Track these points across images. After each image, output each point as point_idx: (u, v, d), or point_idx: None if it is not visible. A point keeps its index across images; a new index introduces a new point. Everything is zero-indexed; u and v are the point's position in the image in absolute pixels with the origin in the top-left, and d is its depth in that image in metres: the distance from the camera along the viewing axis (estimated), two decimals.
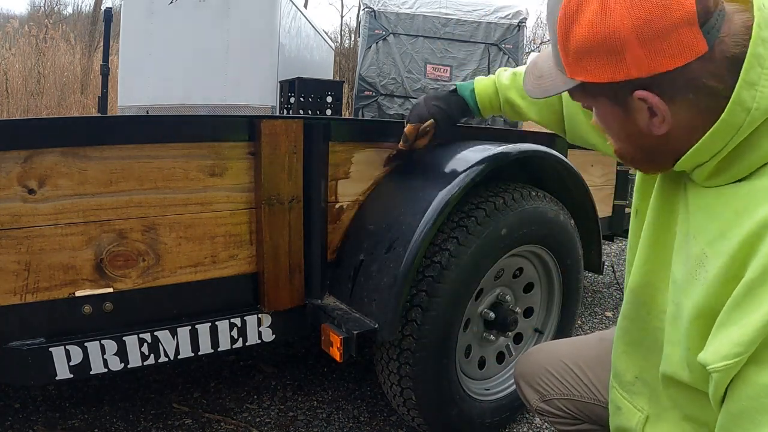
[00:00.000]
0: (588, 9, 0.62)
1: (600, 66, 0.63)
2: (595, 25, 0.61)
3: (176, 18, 5.79)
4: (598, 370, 1.05)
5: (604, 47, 0.62)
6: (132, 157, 1.13)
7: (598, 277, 3.50)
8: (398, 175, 1.49)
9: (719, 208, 0.66)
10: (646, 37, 0.59)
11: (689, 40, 0.59)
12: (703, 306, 0.65)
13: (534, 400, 1.12)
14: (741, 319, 0.59)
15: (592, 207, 1.80)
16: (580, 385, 1.06)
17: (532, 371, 1.13)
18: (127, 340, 1.16)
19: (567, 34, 0.65)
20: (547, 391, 1.10)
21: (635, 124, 0.68)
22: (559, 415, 1.09)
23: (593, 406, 1.05)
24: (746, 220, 0.61)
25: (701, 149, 0.65)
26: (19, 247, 1.04)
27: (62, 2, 21.97)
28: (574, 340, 1.22)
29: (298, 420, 1.73)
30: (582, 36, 0.63)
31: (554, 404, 1.09)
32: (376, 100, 7.01)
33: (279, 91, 5.77)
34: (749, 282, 0.58)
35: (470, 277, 1.42)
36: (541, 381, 1.11)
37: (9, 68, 9.74)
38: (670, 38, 0.59)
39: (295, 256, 1.33)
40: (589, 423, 1.08)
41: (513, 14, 6.96)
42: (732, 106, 0.61)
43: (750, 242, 0.60)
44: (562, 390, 1.08)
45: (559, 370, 1.09)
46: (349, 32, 21.86)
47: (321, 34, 8.85)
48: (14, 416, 1.67)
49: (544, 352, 1.16)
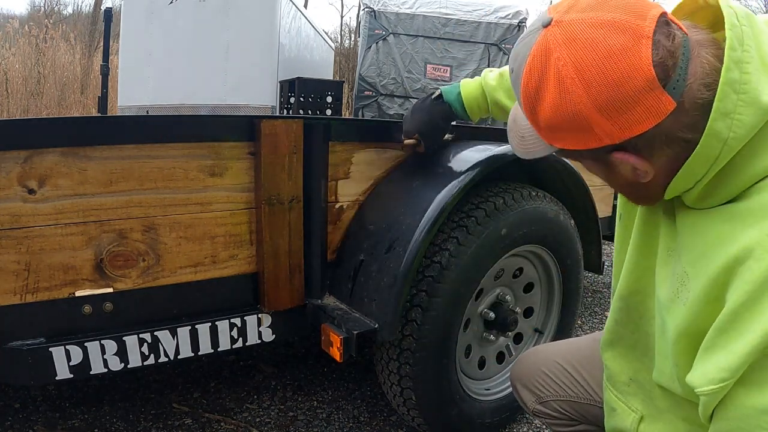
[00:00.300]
0: (547, 91, 0.61)
1: (572, 138, 0.64)
2: (557, 106, 0.61)
3: (176, 18, 5.79)
4: (593, 370, 1.05)
5: (571, 125, 0.62)
6: (132, 157, 1.13)
7: (598, 277, 3.50)
8: (398, 175, 1.49)
9: (704, 229, 0.65)
10: (610, 112, 0.59)
11: (655, 103, 0.58)
12: (686, 327, 0.65)
13: (531, 402, 1.12)
14: (727, 345, 0.59)
15: (592, 207, 1.80)
16: (575, 386, 1.06)
17: (527, 373, 1.13)
18: (127, 340, 1.16)
19: (534, 114, 0.65)
20: (543, 393, 1.09)
21: (621, 176, 0.68)
22: (556, 417, 1.09)
23: (589, 407, 1.05)
24: (730, 243, 0.60)
25: (680, 180, 0.65)
26: (19, 247, 1.04)
27: (62, 2, 21.96)
28: (569, 341, 1.22)
29: (298, 420, 1.73)
30: (548, 116, 0.63)
31: (551, 406, 1.09)
32: (376, 100, 7.01)
33: (279, 91, 5.77)
34: (734, 308, 0.58)
35: (470, 277, 1.42)
36: (536, 383, 1.10)
37: (9, 68, 9.74)
38: (636, 108, 0.58)
39: (295, 256, 1.33)
40: (586, 423, 1.08)
41: (513, 14, 6.96)
42: (706, 139, 0.59)
43: (731, 266, 0.59)
44: (558, 391, 1.08)
45: (555, 372, 1.09)
46: (349, 32, 21.87)
47: (321, 34, 8.85)
48: (14, 416, 1.67)
49: (538, 354, 1.16)
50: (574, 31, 0.59)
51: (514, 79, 0.68)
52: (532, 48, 0.63)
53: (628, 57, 0.57)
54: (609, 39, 0.57)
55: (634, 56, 0.57)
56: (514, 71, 0.67)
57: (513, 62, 0.67)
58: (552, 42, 0.61)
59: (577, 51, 0.59)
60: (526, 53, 0.64)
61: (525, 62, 0.64)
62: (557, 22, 0.61)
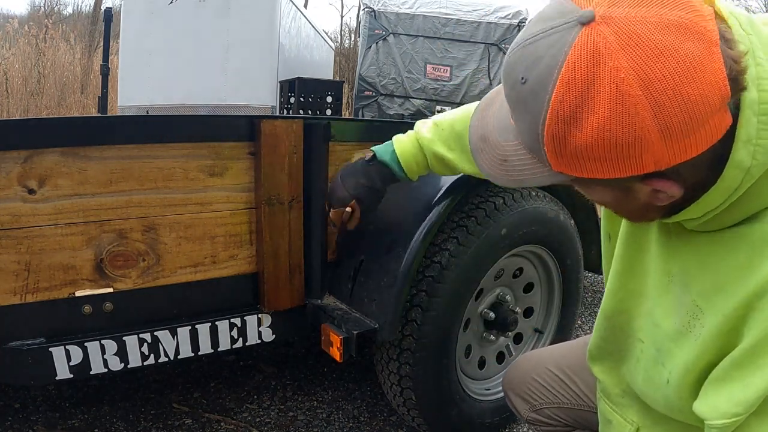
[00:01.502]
0: (595, 112, 0.49)
1: (607, 167, 0.52)
2: (608, 131, 0.49)
3: (176, 18, 5.78)
4: (585, 375, 1.02)
5: (618, 153, 0.50)
6: (132, 157, 1.13)
7: (598, 277, 3.49)
8: None
9: (714, 258, 0.61)
10: (674, 136, 0.49)
11: (718, 123, 0.50)
12: (697, 361, 0.63)
13: (524, 411, 1.10)
14: (744, 378, 0.57)
15: (592, 207, 1.80)
16: (568, 392, 1.05)
17: (519, 381, 1.11)
18: (127, 340, 1.16)
19: (562, 139, 0.52)
20: (536, 401, 1.08)
21: (635, 200, 0.59)
22: (550, 424, 1.08)
23: (583, 412, 1.04)
24: (748, 276, 0.56)
25: (695, 209, 0.58)
26: (19, 247, 1.04)
27: (62, 2, 21.98)
28: (560, 346, 1.19)
29: (298, 420, 1.73)
30: (587, 142, 0.51)
31: (545, 413, 1.07)
32: (376, 100, 7.01)
33: (279, 91, 5.77)
34: (754, 342, 0.56)
35: (470, 277, 1.42)
36: (529, 390, 1.08)
37: (9, 68, 9.74)
38: (701, 130, 0.49)
39: (295, 256, 1.33)
40: (581, 429, 1.07)
41: (513, 14, 6.96)
42: (729, 171, 0.53)
43: (750, 300, 0.56)
44: (551, 398, 1.06)
45: (546, 379, 1.07)
46: (349, 32, 21.86)
47: (321, 34, 8.85)
48: (14, 416, 1.67)
49: (529, 361, 1.14)
50: (635, 33, 0.47)
51: (526, 93, 0.54)
52: (567, 51, 0.50)
53: (707, 71, 0.47)
54: (683, 46, 0.47)
55: (711, 69, 0.47)
56: (527, 81, 0.53)
57: (527, 69, 0.53)
58: (602, 45, 0.48)
59: (642, 60, 0.47)
60: (555, 58, 0.50)
61: (557, 70, 0.50)
62: (605, 19, 0.48)
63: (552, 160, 0.55)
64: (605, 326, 0.83)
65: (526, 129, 0.56)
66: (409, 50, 6.92)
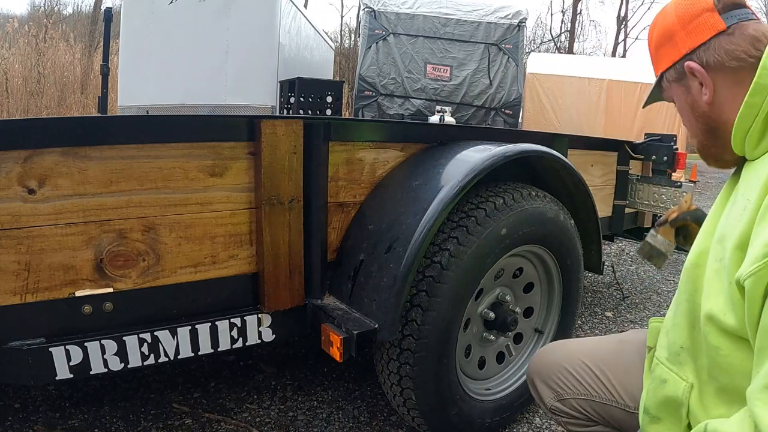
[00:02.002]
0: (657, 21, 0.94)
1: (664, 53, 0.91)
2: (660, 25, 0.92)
3: (176, 18, 5.78)
4: (617, 370, 1.04)
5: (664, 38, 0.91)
6: (132, 157, 1.13)
7: (598, 277, 3.50)
8: (398, 175, 1.49)
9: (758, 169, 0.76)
10: (685, 22, 0.87)
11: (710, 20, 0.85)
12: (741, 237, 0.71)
13: (549, 399, 1.11)
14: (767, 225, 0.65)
15: (592, 207, 1.80)
16: (599, 386, 1.06)
17: (548, 369, 1.12)
18: (127, 340, 1.16)
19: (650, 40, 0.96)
20: (563, 390, 1.09)
21: (693, 97, 0.88)
22: (573, 416, 1.08)
23: (610, 408, 1.04)
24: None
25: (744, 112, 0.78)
26: (19, 247, 1.04)
27: (62, 2, 21.97)
28: (592, 340, 1.21)
29: (298, 420, 1.73)
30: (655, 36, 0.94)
31: (569, 404, 1.08)
32: (376, 100, 7.01)
33: (279, 91, 5.77)
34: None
35: (470, 277, 1.42)
36: (558, 379, 1.10)
37: (9, 68, 9.74)
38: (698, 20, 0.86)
39: (295, 256, 1.33)
40: (603, 425, 1.07)
41: (513, 14, 6.96)
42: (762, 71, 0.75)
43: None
44: (580, 390, 1.07)
45: (578, 370, 1.08)
46: (349, 32, 21.85)
47: (321, 34, 8.84)
48: (14, 416, 1.67)
49: (561, 350, 1.15)
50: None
51: None
52: None
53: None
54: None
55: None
56: None
57: None
58: None
59: None
60: None
61: None
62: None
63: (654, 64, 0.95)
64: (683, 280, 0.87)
65: None
66: (409, 50, 6.92)
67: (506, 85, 6.95)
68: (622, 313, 2.93)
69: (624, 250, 4.39)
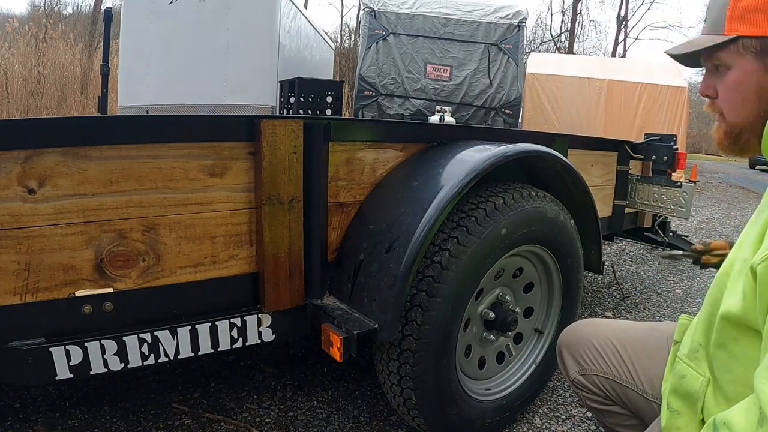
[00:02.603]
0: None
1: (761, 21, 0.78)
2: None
3: (176, 18, 5.78)
4: (643, 357, 1.05)
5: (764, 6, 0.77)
6: (132, 157, 1.13)
7: (598, 277, 3.50)
8: (398, 175, 1.49)
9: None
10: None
11: None
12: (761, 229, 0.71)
13: (573, 371, 1.13)
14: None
15: (592, 207, 1.80)
16: (622, 367, 1.07)
17: (577, 342, 1.14)
18: (127, 340, 1.16)
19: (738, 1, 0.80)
20: (588, 365, 1.10)
21: None
22: (593, 391, 1.10)
23: (630, 391, 1.06)
24: None
25: None
26: (19, 247, 1.04)
27: (62, 2, 21.96)
28: (626, 323, 1.22)
29: (298, 420, 1.73)
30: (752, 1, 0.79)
31: (591, 379, 1.10)
32: (376, 100, 7.02)
33: (279, 91, 5.77)
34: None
35: (470, 277, 1.42)
36: (584, 354, 1.11)
37: (9, 68, 9.73)
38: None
39: (295, 256, 1.33)
40: (620, 407, 1.08)
41: (513, 14, 6.97)
42: None
43: None
44: (603, 368, 1.09)
45: (605, 348, 1.09)
46: (349, 32, 21.85)
47: (321, 34, 8.84)
48: (14, 416, 1.67)
49: (593, 327, 1.16)
50: None
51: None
52: None
53: None
54: None
55: None
56: None
57: None
58: None
59: None
60: None
61: None
62: None
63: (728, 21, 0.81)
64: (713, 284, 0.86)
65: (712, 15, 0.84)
66: (409, 50, 6.93)
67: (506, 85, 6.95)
68: (622, 313, 2.93)
69: (624, 250, 4.39)
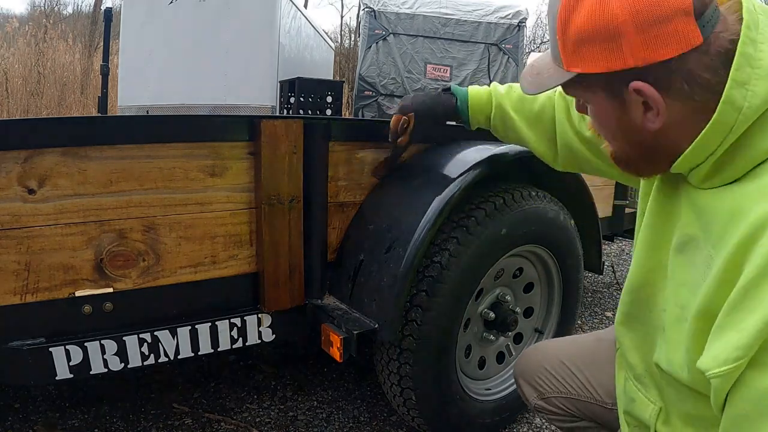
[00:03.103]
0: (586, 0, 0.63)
1: (597, 55, 0.64)
2: (594, 12, 0.62)
3: (176, 18, 5.78)
4: (594, 369, 1.05)
5: (601, 35, 0.62)
6: (132, 157, 1.13)
7: (598, 277, 3.49)
8: (398, 175, 1.49)
9: (718, 210, 0.66)
10: (643, 23, 0.60)
11: (685, 29, 0.60)
12: (702, 307, 0.65)
13: (532, 398, 1.13)
14: (739, 323, 0.58)
15: (592, 207, 1.80)
16: (577, 384, 1.07)
17: (530, 369, 1.14)
18: (127, 340, 1.16)
19: (566, 24, 0.65)
20: (545, 389, 1.10)
21: (630, 118, 0.68)
22: (557, 413, 1.10)
23: (590, 405, 1.06)
24: (740, 221, 0.61)
25: (696, 150, 0.66)
26: (19, 247, 1.04)
27: (62, 2, 21.97)
28: (572, 338, 1.23)
29: (298, 420, 1.73)
30: (581, 24, 0.63)
31: (552, 402, 1.10)
32: (376, 100, 7.01)
33: (279, 91, 5.76)
34: (745, 284, 0.58)
35: (470, 277, 1.42)
36: (539, 379, 1.11)
37: (9, 68, 9.73)
38: (667, 26, 0.60)
39: (295, 256, 1.33)
40: (587, 420, 1.08)
41: (513, 14, 6.96)
42: (723, 107, 0.61)
43: (744, 244, 0.60)
44: (560, 388, 1.09)
45: (557, 369, 1.09)
46: (349, 32, 21.84)
47: (321, 34, 8.84)
48: (14, 416, 1.67)
49: (542, 351, 1.17)
50: None
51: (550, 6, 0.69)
52: None
53: None
54: None
55: None
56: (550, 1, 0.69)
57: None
58: None
59: None
60: None
61: None
62: None
63: (562, 53, 0.67)
64: (630, 299, 0.84)
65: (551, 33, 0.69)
66: (409, 50, 6.92)
67: None
68: None
69: (624, 250, 4.39)
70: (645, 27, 0.60)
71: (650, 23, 0.60)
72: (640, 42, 0.61)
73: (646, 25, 0.60)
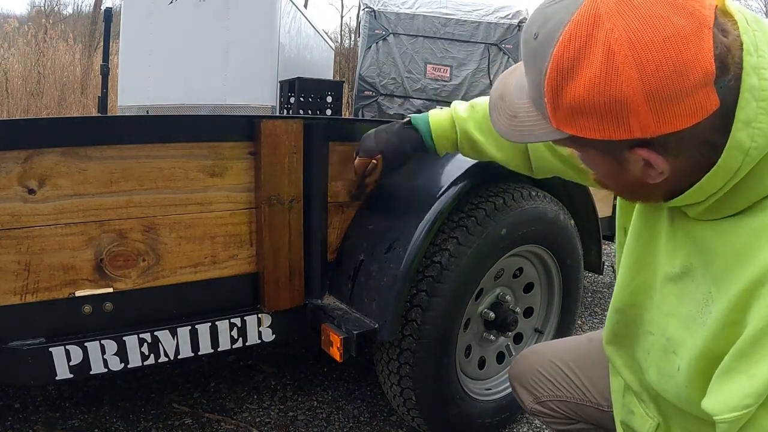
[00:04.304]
0: (589, 66, 0.54)
1: (597, 126, 0.56)
2: (597, 85, 0.53)
3: (176, 18, 5.78)
4: (588, 371, 1.05)
5: (606, 110, 0.54)
6: (132, 157, 1.13)
7: (598, 277, 3.49)
8: (398, 175, 1.49)
9: (720, 247, 0.62)
10: (658, 102, 0.52)
11: (703, 100, 0.53)
12: (704, 348, 0.63)
13: (528, 402, 1.12)
14: (749, 369, 0.57)
15: (592, 207, 1.80)
16: (571, 387, 1.07)
17: (524, 373, 1.13)
18: (127, 340, 1.16)
19: (559, 90, 0.57)
20: (540, 393, 1.10)
21: (628, 172, 0.62)
22: (553, 416, 1.10)
23: (585, 407, 1.05)
24: (748, 263, 0.58)
25: (697, 192, 0.61)
26: (19, 247, 1.04)
27: (62, 2, 21.98)
28: (565, 341, 1.22)
29: (298, 420, 1.73)
30: (579, 96, 0.55)
31: (548, 405, 1.09)
32: (376, 100, 7.01)
33: (279, 91, 5.76)
34: (756, 331, 0.56)
35: (470, 277, 1.42)
36: (533, 383, 1.11)
37: (9, 68, 9.74)
38: (684, 102, 0.52)
39: (295, 256, 1.33)
40: (583, 422, 1.08)
41: (513, 14, 6.96)
42: (729, 151, 0.56)
43: (752, 288, 0.57)
44: (555, 391, 1.08)
45: (551, 372, 1.09)
46: (349, 32, 21.85)
47: (321, 34, 8.85)
48: (14, 416, 1.67)
49: (535, 355, 1.16)
50: (634, 1, 0.52)
51: (536, 46, 0.59)
52: (574, 12, 0.55)
53: (692, 45, 0.51)
54: (673, 19, 0.51)
55: (697, 45, 0.51)
56: (538, 36, 0.58)
57: (540, 26, 0.58)
58: (604, 9, 0.53)
59: (635, 25, 0.52)
60: (563, 18, 0.56)
61: (562, 27, 0.55)
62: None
63: (551, 115, 0.59)
64: (616, 319, 0.83)
65: (532, 82, 0.61)
66: (409, 50, 6.92)
67: None
68: None
69: None
70: (660, 105, 0.52)
71: (666, 101, 0.52)
72: (651, 119, 0.53)
73: (661, 103, 0.52)
